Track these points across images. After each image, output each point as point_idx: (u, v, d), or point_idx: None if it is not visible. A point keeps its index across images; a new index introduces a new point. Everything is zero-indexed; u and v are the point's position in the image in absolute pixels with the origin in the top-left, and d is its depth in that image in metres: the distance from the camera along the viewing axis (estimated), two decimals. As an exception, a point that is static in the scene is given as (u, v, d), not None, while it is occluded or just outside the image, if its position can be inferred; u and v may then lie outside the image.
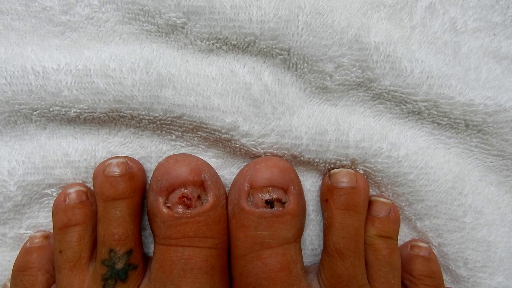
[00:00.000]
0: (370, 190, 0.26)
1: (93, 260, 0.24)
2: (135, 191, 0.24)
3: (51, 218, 0.26)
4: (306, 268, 0.25)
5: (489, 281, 0.26)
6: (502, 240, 0.26)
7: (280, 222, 0.23)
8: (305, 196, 0.25)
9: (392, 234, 0.25)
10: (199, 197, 0.23)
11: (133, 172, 0.24)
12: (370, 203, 0.25)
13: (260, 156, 0.25)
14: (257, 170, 0.23)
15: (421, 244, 0.26)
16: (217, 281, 0.23)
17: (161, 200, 0.22)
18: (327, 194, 0.25)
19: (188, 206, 0.22)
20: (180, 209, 0.22)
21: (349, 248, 0.23)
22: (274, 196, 0.23)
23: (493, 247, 0.26)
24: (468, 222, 0.26)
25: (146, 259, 0.25)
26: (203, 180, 0.23)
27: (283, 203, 0.23)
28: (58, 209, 0.24)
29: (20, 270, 0.24)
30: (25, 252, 0.25)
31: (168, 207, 0.22)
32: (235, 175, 0.26)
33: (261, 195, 0.23)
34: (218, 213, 0.23)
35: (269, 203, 0.23)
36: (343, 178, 0.25)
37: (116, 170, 0.23)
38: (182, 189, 0.22)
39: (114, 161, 0.24)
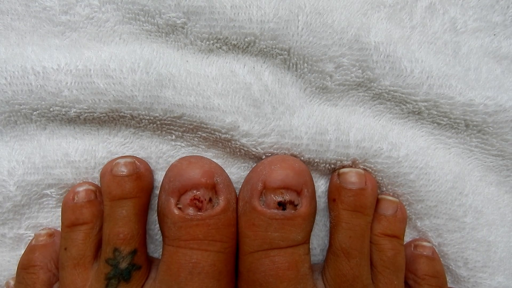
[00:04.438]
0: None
1: (97, 259, 0.24)
2: (142, 191, 0.24)
3: (50, 218, 0.26)
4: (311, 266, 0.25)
5: (489, 281, 0.26)
6: (502, 240, 0.26)
7: (291, 225, 0.22)
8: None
9: (399, 233, 0.25)
10: (210, 199, 0.22)
11: (140, 172, 0.24)
12: (377, 201, 0.25)
13: (260, 156, 0.25)
14: (272, 170, 0.23)
15: (425, 243, 0.26)
16: (223, 286, 0.23)
17: (172, 201, 0.22)
18: (334, 194, 0.25)
19: (199, 209, 0.22)
20: (191, 211, 0.22)
21: (355, 248, 0.23)
22: (287, 198, 0.23)
23: (493, 247, 0.26)
24: (468, 222, 0.26)
25: (150, 260, 0.25)
26: (215, 183, 0.23)
27: (295, 205, 0.23)
28: (67, 207, 0.24)
29: (23, 268, 0.24)
30: (29, 250, 0.25)
31: (179, 208, 0.22)
32: (235, 175, 0.26)
33: (274, 196, 0.22)
34: (228, 217, 0.23)
35: (281, 205, 0.22)
36: (352, 179, 0.24)
37: (123, 170, 0.24)
38: (194, 191, 0.22)
39: (122, 160, 0.24)
